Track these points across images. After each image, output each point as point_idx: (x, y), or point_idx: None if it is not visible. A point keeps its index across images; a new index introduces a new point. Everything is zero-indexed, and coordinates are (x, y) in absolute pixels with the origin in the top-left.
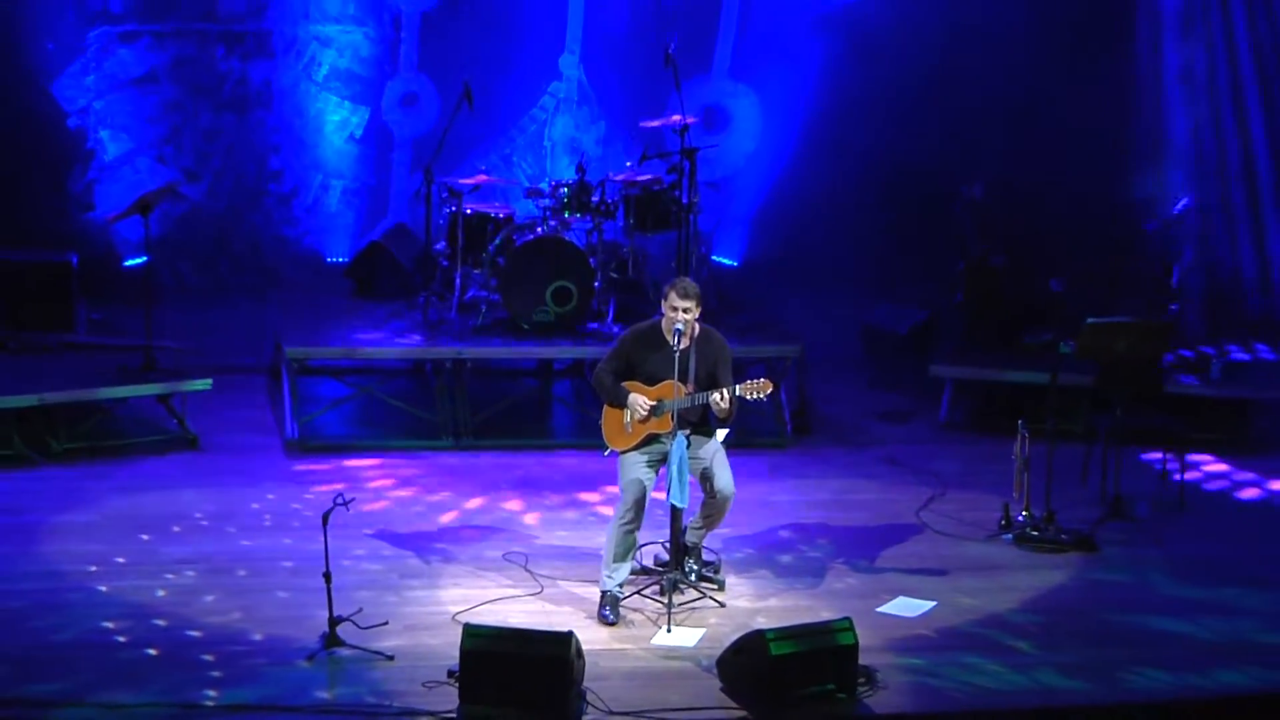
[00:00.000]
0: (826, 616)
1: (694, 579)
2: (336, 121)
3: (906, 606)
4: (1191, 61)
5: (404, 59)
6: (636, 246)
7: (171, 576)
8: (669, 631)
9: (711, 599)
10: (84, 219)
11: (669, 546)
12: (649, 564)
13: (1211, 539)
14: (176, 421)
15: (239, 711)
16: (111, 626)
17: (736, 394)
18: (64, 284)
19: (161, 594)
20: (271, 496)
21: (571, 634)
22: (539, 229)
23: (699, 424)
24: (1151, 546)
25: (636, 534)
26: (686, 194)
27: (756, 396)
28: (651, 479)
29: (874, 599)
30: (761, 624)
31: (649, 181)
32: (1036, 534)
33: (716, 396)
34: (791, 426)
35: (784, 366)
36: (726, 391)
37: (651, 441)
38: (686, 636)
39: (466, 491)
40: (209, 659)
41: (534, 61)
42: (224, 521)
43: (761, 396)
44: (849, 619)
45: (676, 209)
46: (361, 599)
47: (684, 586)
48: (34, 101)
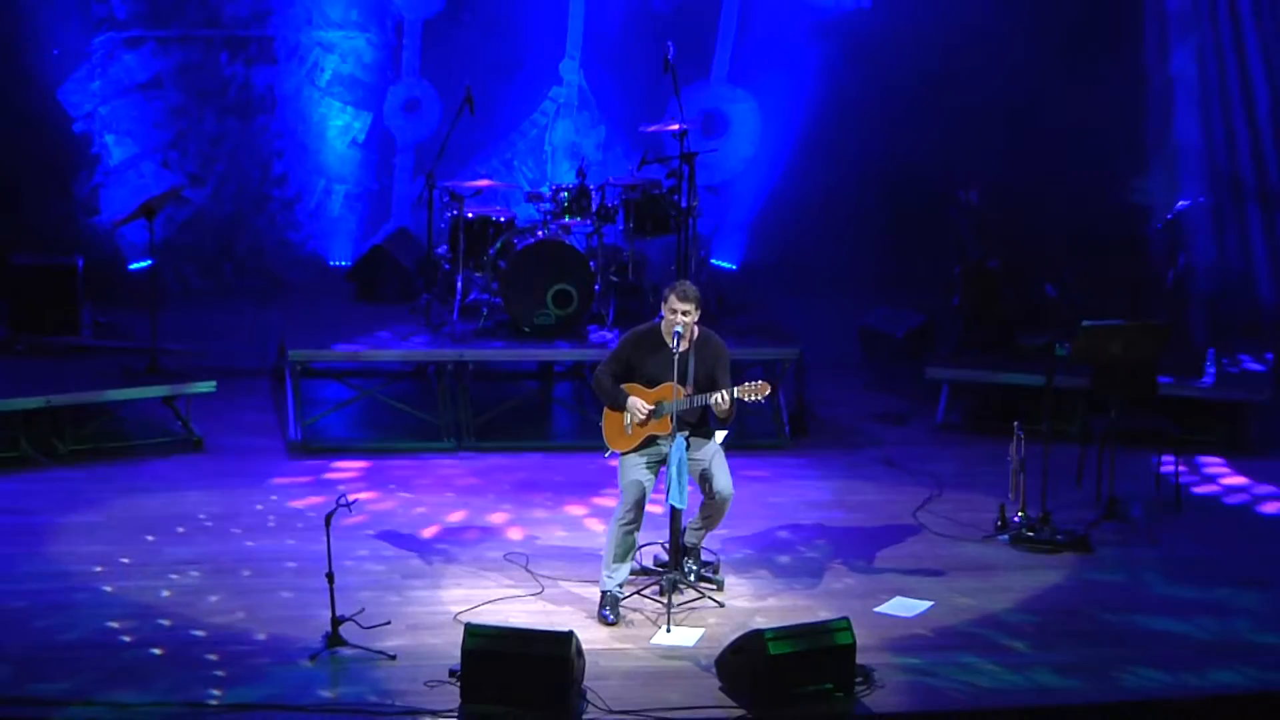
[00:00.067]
0: (824, 616)
1: (693, 579)
2: (339, 126)
3: (904, 606)
4: (1188, 65)
5: (406, 65)
6: (636, 250)
7: (176, 577)
8: (668, 631)
9: (710, 599)
10: (89, 223)
11: (668, 547)
12: (649, 564)
13: (1206, 540)
14: (181, 424)
15: (243, 710)
16: (117, 626)
17: (735, 396)
18: (70, 287)
19: (166, 594)
20: (275, 498)
21: (572, 634)
22: (540, 233)
23: (698, 426)
24: (1146, 547)
25: (636, 534)
26: (686, 198)
27: (755, 398)
28: (651, 480)
29: (871, 599)
30: (760, 624)
31: (648, 185)
32: (1032, 535)
33: (716, 398)
34: (790, 428)
35: (782, 369)
36: (725, 393)
37: (651, 443)
38: (686, 636)
39: (468, 493)
40: (213, 658)
41: (535, 67)
42: (228, 522)
43: (760, 398)
44: (847, 619)
45: (676, 213)
46: (364, 599)
47: (683, 587)
48: (40, 107)
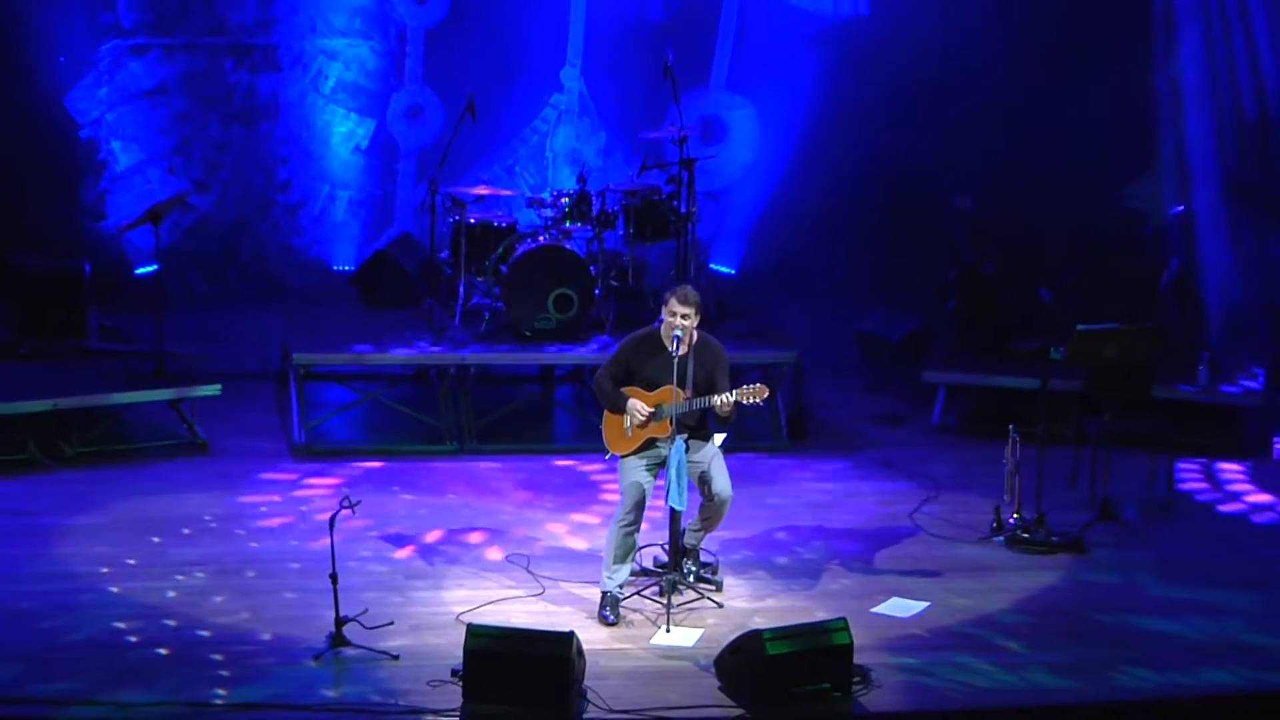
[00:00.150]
0: (822, 617)
1: (692, 580)
2: (343, 133)
3: (900, 607)
4: (1184, 70)
5: (409, 72)
6: (636, 255)
7: (181, 578)
8: (668, 631)
9: (709, 599)
10: (96, 228)
11: (668, 548)
12: (648, 565)
13: (1199, 541)
14: (186, 426)
15: (247, 710)
16: (123, 626)
17: (734, 399)
18: (76, 291)
19: (171, 595)
20: (279, 500)
21: (573, 634)
22: (541, 238)
23: (697, 428)
24: (1140, 548)
25: (636, 536)
26: (685, 204)
27: (753, 401)
28: (651, 482)
29: (868, 599)
30: (758, 624)
31: (648, 191)
32: (1027, 536)
33: (717, 400)
34: (788, 430)
35: (781, 372)
36: (725, 396)
37: (651, 446)
38: (685, 636)
39: (470, 495)
40: (218, 658)
41: (536, 74)
42: (232, 524)
43: (758, 401)
44: (844, 619)
45: (675, 218)
46: (367, 600)
47: (683, 587)
48: (47, 114)
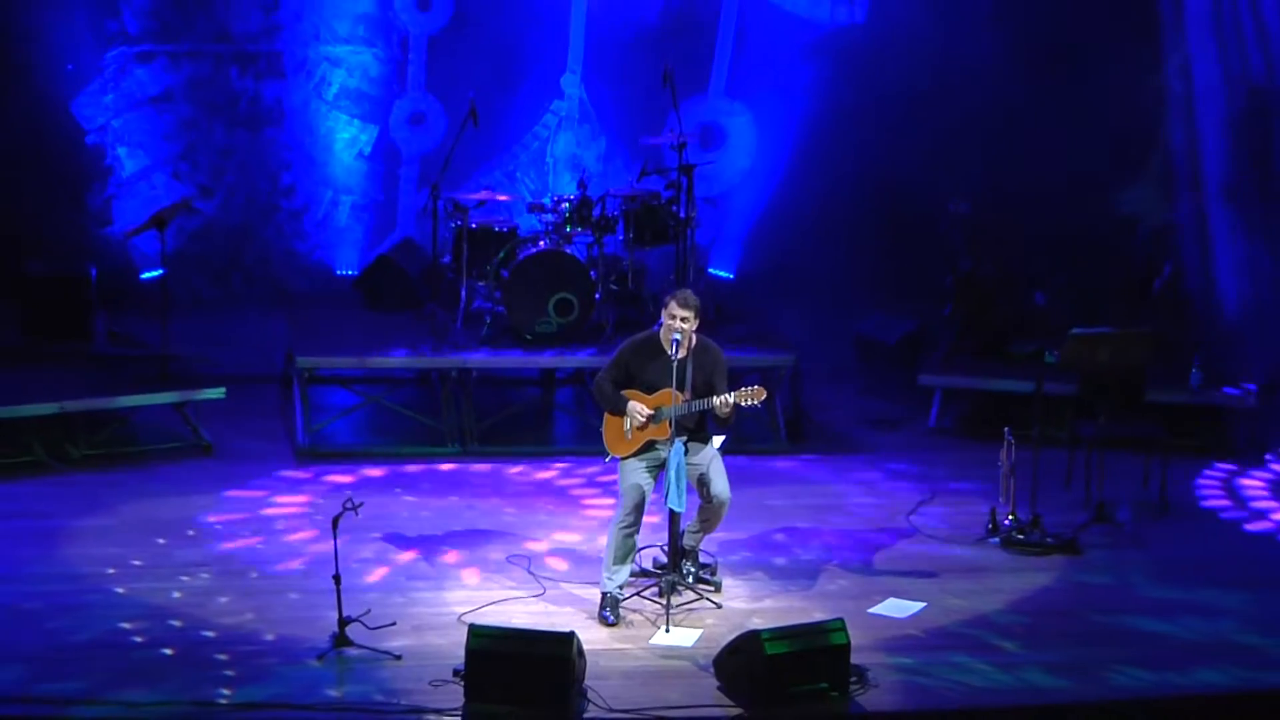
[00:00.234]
0: (819, 617)
1: (691, 581)
2: (346, 139)
3: (897, 608)
4: (1175, 78)
5: (411, 79)
6: (636, 260)
7: (186, 579)
8: (667, 632)
9: (708, 600)
10: (102, 233)
11: (667, 549)
12: (648, 566)
13: (1192, 542)
14: (191, 429)
15: (252, 709)
16: (128, 627)
17: (732, 401)
18: (83, 296)
19: (177, 596)
20: (283, 501)
21: (573, 634)
22: (542, 243)
23: (696, 431)
24: (1134, 549)
25: (635, 537)
26: (684, 209)
27: (751, 403)
28: (650, 484)
29: (865, 600)
30: (757, 624)
31: (648, 196)
32: (1022, 537)
33: (716, 402)
34: (786, 433)
35: (779, 375)
36: (724, 397)
37: (650, 448)
38: (684, 636)
39: (471, 496)
40: (223, 658)
41: (537, 81)
42: (237, 526)
43: (756, 403)
44: (841, 620)
45: (675, 223)
46: (370, 600)
47: (682, 588)
48: (54, 120)
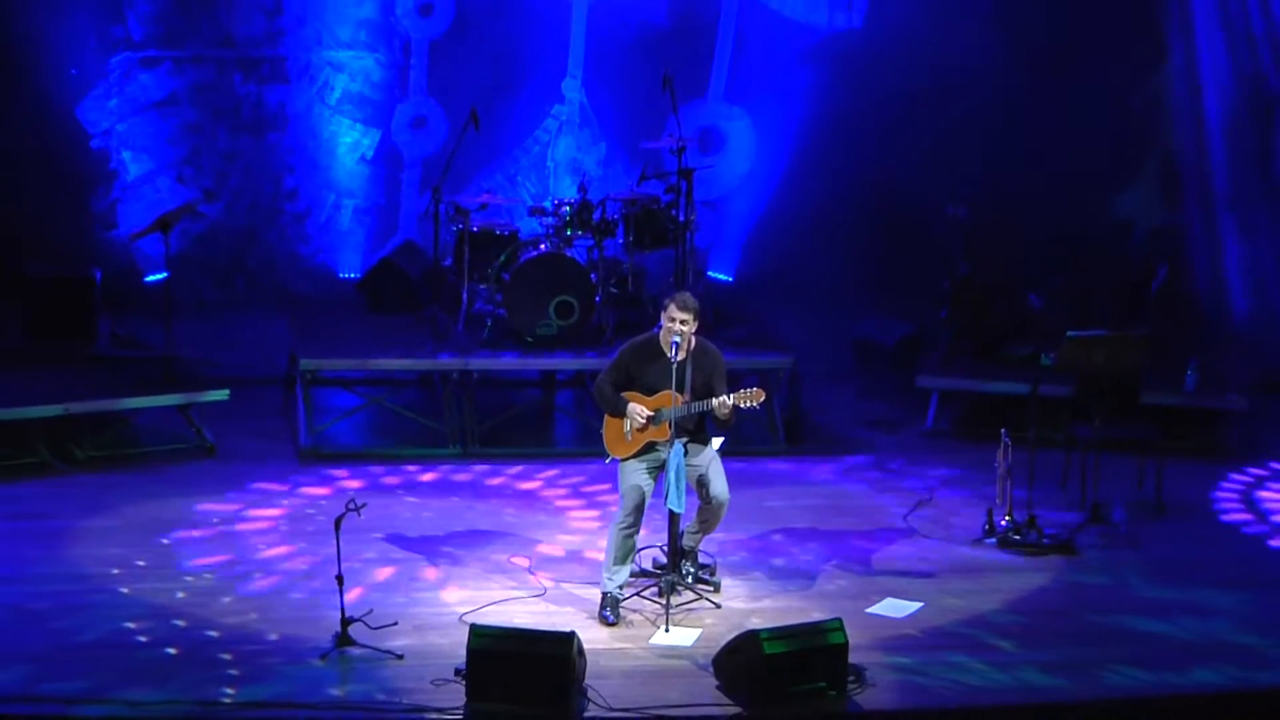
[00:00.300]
0: (818, 617)
1: (691, 581)
2: (349, 143)
3: (894, 607)
4: (1169, 82)
5: (413, 84)
6: (636, 263)
7: (190, 579)
8: (667, 631)
9: (708, 600)
10: (107, 236)
11: (667, 550)
12: (648, 566)
13: (1187, 542)
14: (194, 431)
15: (255, 708)
16: (133, 627)
17: (732, 402)
18: (88, 298)
19: (181, 596)
20: (286, 502)
21: (573, 634)
22: (542, 246)
23: (695, 432)
24: (1129, 549)
25: (635, 538)
26: (684, 213)
27: (750, 405)
28: (650, 485)
29: (863, 600)
30: (755, 624)
31: (648, 200)
32: (1019, 538)
33: (715, 403)
34: (785, 434)
35: (777, 377)
36: (723, 399)
37: (650, 449)
38: (684, 636)
39: (473, 497)
40: (226, 658)
41: (537, 85)
42: (241, 526)
43: (755, 405)
44: (839, 619)
45: (674, 227)
46: (372, 600)
47: (681, 588)
48: (59, 125)
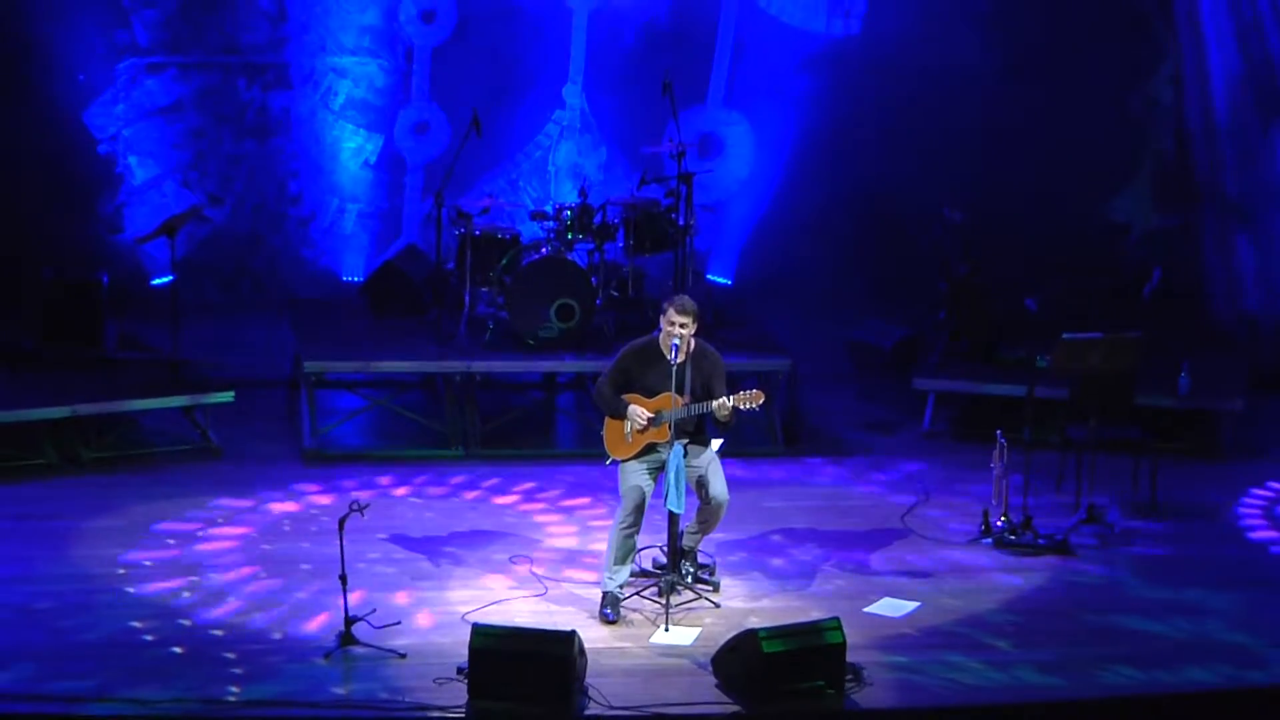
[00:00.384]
0: (816, 616)
1: (690, 581)
2: (352, 148)
3: (892, 607)
4: (1163, 88)
5: (416, 89)
6: (636, 266)
7: (196, 579)
8: (667, 631)
9: (707, 600)
10: (114, 240)
11: (667, 550)
12: (648, 566)
13: (1181, 542)
14: (200, 432)
15: (259, 706)
16: (139, 626)
17: (731, 404)
18: (94, 301)
19: (186, 595)
20: (290, 503)
21: (574, 633)
22: (543, 249)
23: (695, 434)
24: (1123, 550)
25: (636, 538)
26: (683, 217)
27: (750, 406)
28: (650, 486)
29: (861, 600)
30: (754, 623)
31: (648, 204)
32: (1014, 538)
33: (715, 405)
34: (783, 436)
35: (776, 380)
36: (723, 400)
37: (650, 451)
38: (683, 635)
39: (475, 498)
40: (231, 657)
41: (539, 91)
42: (245, 527)
43: (754, 407)
44: (837, 619)
45: (674, 231)
46: (375, 600)
47: (681, 588)
48: (66, 130)
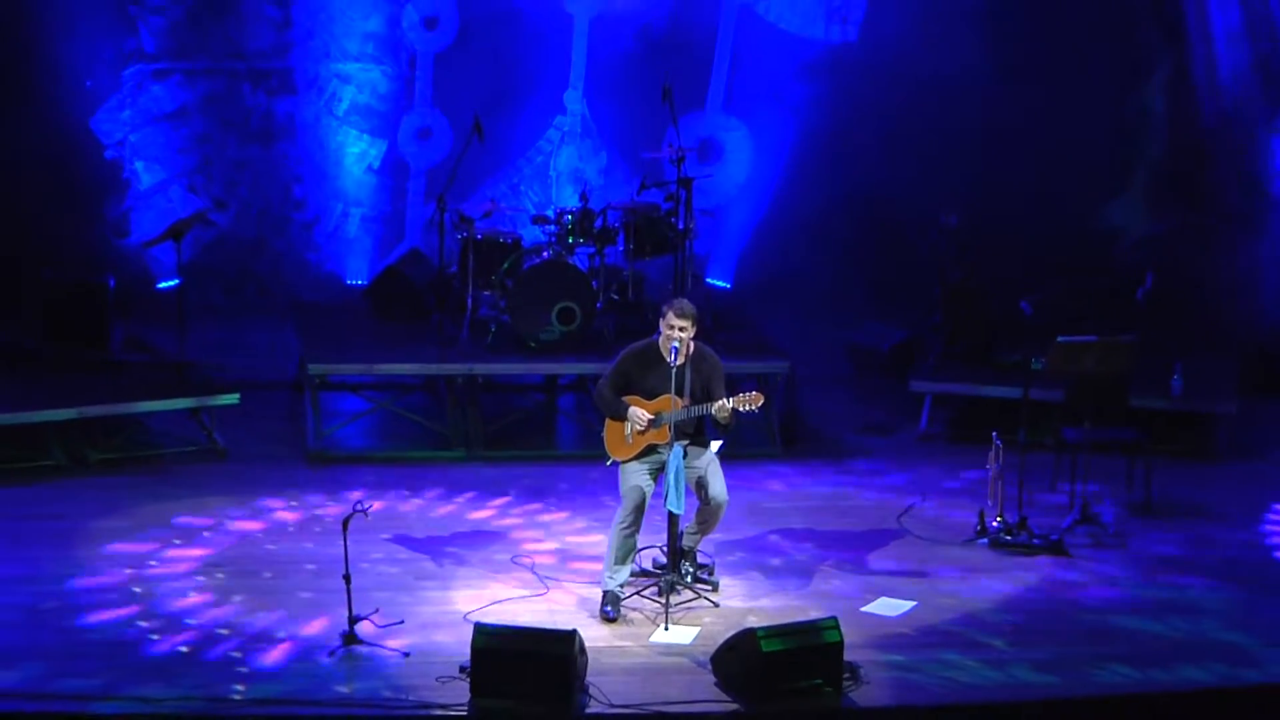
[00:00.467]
0: (814, 616)
1: (690, 580)
2: (356, 153)
3: (888, 606)
4: (1157, 95)
5: (419, 95)
6: (636, 270)
7: (201, 579)
8: (666, 630)
9: (706, 599)
10: (120, 244)
11: (666, 550)
12: (648, 566)
13: (1175, 542)
14: (206, 434)
15: (264, 704)
16: (145, 625)
17: (731, 406)
18: (101, 305)
19: (192, 595)
20: (294, 504)
21: (575, 632)
22: (545, 253)
23: (695, 435)
24: (1118, 549)
25: (636, 538)
26: (683, 221)
27: (749, 408)
28: (650, 487)
29: (858, 599)
30: (753, 623)
31: (648, 209)
32: (1010, 538)
33: (715, 407)
34: (781, 438)
35: (774, 382)
36: (723, 402)
37: (650, 452)
38: (683, 634)
39: (477, 499)
40: (236, 655)
41: (540, 97)
42: (250, 527)
43: (753, 408)
44: (835, 618)
45: (673, 235)
46: (379, 600)
47: (680, 587)
48: (74, 136)
